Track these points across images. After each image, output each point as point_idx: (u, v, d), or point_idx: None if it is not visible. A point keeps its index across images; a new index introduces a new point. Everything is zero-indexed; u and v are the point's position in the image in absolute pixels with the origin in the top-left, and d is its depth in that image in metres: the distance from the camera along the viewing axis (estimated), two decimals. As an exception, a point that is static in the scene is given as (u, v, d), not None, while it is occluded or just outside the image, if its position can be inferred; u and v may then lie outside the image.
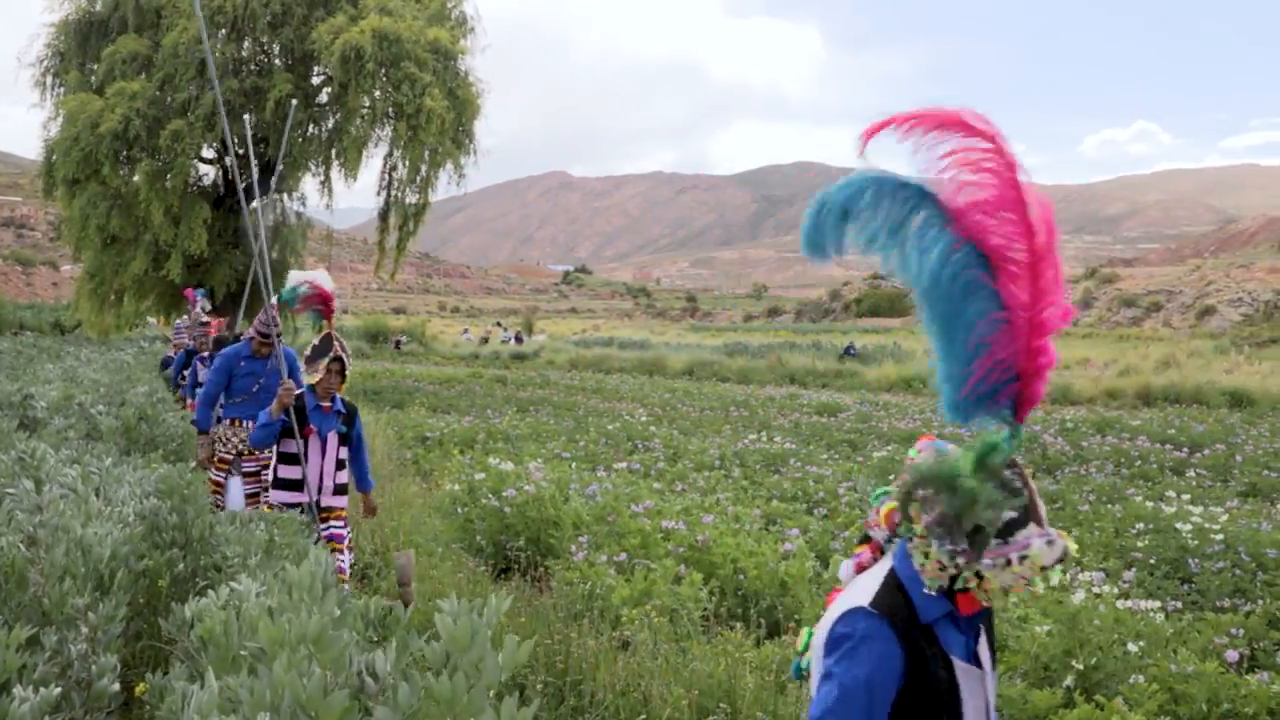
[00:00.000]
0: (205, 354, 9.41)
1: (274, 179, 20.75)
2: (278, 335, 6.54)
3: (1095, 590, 5.24)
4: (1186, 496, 8.72)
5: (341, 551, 5.49)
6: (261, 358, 6.90)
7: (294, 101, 10.79)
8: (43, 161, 23.44)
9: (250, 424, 6.86)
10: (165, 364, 14.40)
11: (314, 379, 5.52)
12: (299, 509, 5.24)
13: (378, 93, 21.81)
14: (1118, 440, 12.78)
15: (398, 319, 58.78)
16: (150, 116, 21.24)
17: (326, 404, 5.57)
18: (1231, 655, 4.56)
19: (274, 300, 6.44)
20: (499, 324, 68.43)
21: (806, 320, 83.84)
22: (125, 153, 21.69)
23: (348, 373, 5.60)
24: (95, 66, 23.27)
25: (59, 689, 2.32)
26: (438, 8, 23.72)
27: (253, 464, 6.92)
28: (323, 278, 5.75)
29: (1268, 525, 7.59)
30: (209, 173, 24.61)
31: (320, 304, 5.69)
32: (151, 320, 30.18)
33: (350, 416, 5.71)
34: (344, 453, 5.69)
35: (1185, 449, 12.23)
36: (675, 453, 12.27)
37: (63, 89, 23.67)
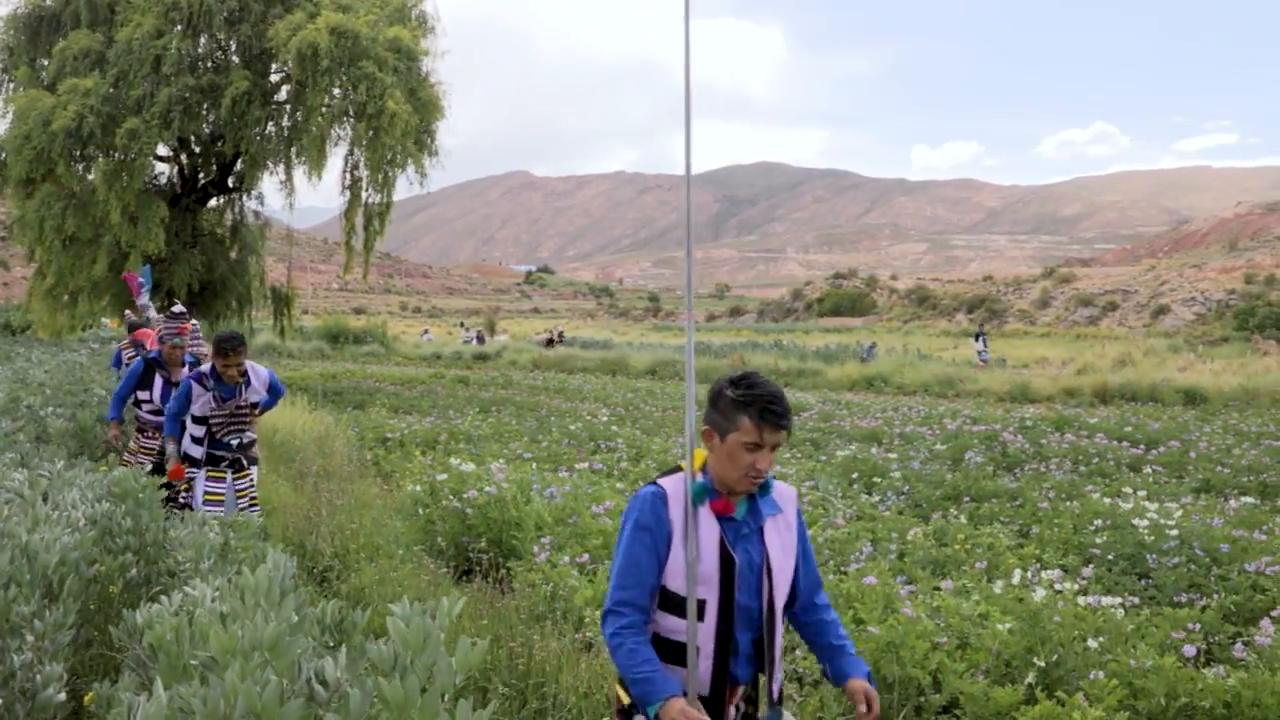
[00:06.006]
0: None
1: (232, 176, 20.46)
2: None
3: (1056, 587, 5.29)
4: (1143, 493, 8.81)
5: None
6: None
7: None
8: (-9, 160, 22.93)
9: None
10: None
11: None
12: None
13: (337, 91, 21.57)
14: (1076, 438, 12.92)
15: (358, 319, 58.26)
16: (105, 114, 20.82)
17: None
18: (1189, 650, 4.61)
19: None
20: (462, 324, 68.07)
21: (769, 320, 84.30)
22: (80, 151, 21.28)
23: None
24: (46, 62, 22.78)
25: (1, 699, 2.25)
26: (398, 6, 23.50)
27: None
28: None
29: (1220, 521, 7.69)
30: (165, 171, 24.25)
31: None
32: (105, 321, 29.71)
33: None
34: None
35: (1142, 446, 12.38)
36: (639, 452, 12.24)
37: (12, 85, 23.18)
